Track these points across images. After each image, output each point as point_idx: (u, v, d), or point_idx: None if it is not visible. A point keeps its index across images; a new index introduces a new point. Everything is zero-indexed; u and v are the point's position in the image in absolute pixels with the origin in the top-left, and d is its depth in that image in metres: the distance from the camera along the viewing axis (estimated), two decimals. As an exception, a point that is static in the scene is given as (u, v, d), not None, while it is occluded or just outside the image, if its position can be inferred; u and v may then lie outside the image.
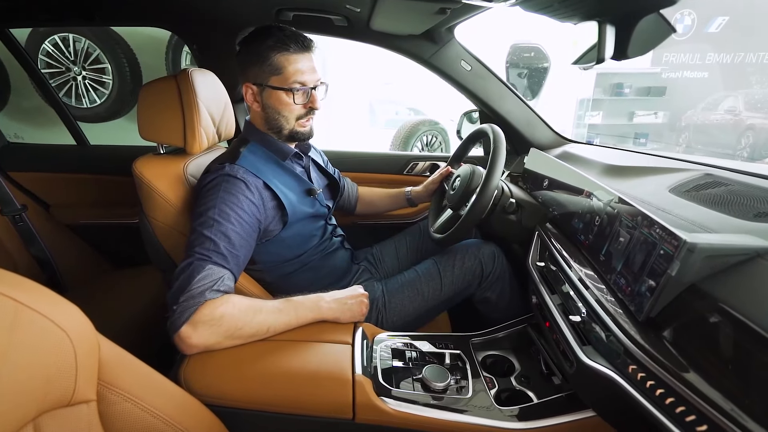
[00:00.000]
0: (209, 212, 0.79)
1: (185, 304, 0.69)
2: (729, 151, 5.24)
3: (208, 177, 0.86)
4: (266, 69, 0.89)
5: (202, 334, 0.69)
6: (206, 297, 0.70)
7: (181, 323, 0.68)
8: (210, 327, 0.69)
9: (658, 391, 0.51)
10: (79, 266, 1.48)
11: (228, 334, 0.71)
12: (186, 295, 0.70)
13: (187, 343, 0.70)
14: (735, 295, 0.51)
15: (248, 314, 0.73)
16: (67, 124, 1.58)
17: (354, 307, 0.84)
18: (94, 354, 0.51)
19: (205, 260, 0.74)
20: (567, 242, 0.88)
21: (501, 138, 1.02)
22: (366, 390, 0.72)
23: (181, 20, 1.37)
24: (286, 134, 0.97)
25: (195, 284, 0.70)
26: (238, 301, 0.74)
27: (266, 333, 0.76)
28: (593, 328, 0.66)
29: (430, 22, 1.07)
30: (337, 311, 0.83)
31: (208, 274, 0.73)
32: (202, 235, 0.77)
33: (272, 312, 0.77)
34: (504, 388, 0.82)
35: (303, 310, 0.80)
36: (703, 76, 5.51)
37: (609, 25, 0.57)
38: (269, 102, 0.93)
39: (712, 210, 0.71)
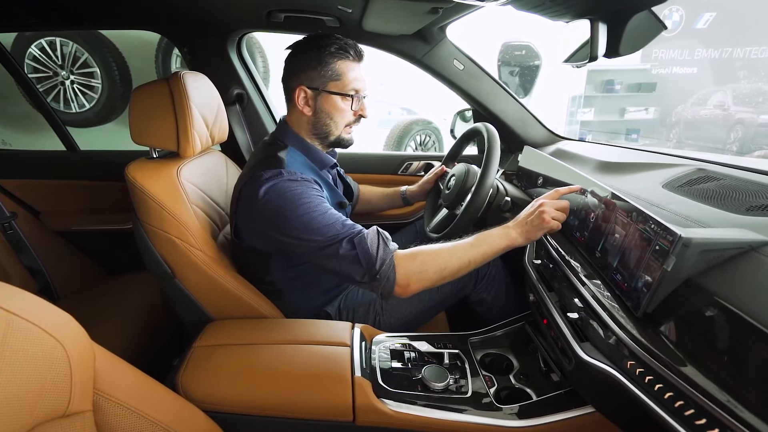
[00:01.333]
0: (308, 210, 0.80)
1: (384, 269, 0.76)
2: (719, 145, 5.31)
3: (265, 185, 0.82)
4: (326, 74, 0.90)
5: (417, 281, 0.78)
6: (390, 250, 0.78)
7: (392, 285, 0.77)
8: (419, 274, 0.78)
9: (657, 386, 0.52)
10: (72, 274, 1.46)
11: (437, 275, 0.79)
12: (378, 263, 0.76)
13: (408, 292, 0.78)
14: (730, 289, 0.51)
15: (443, 256, 0.79)
16: (56, 130, 1.56)
17: (536, 221, 0.82)
18: (90, 363, 0.51)
19: (351, 235, 0.78)
20: (563, 239, 0.88)
21: (495, 136, 1.02)
22: (366, 392, 0.72)
23: (171, 23, 1.36)
24: (332, 140, 0.97)
25: (372, 252, 0.77)
26: (429, 249, 0.81)
27: (468, 266, 0.80)
28: (591, 324, 0.66)
29: (422, 21, 1.07)
30: (524, 233, 0.83)
31: (372, 237, 0.79)
32: (324, 228, 0.79)
33: (466, 248, 0.81)
34: (503, 387, 0.82)
35: (495, 239, 0.82)
36: (692, 71, 5.58)
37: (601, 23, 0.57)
38: (323, 106, 0.92)
39: (705, 205, 0.72)
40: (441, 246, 0.81)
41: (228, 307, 0.93)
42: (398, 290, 0.77)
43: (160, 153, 1.00)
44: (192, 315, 0.93)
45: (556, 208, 0.83)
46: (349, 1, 1.03)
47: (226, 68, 1.42)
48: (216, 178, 1.09)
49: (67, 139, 1.57)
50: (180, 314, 0.96)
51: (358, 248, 0.77)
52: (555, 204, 0.84)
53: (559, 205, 0.84)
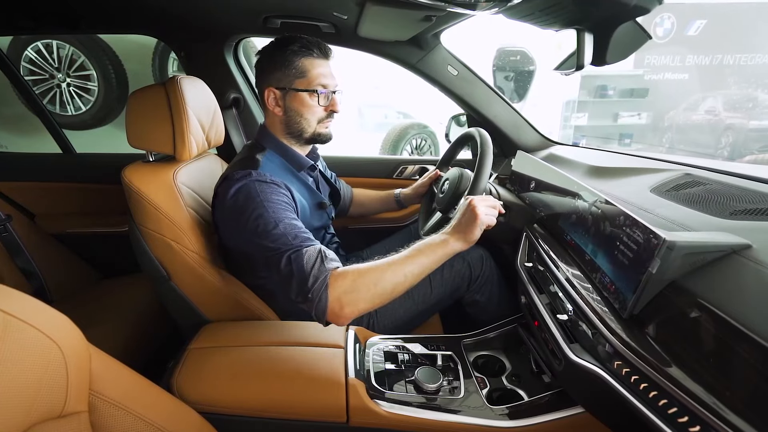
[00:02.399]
0: (264, 215, 0.80)
1: (315, 288, 0.72)
2: (710, 150, 5.38)
3: (235, 185, 0.84)
4: (291, 73, 0.92)
5: (349, 303, 0.72)
6: (326, 270, 0.73)
7: (325, 306, 0.71)
8: (351, 295, 0.72)
9: (642, 385, 0.53)
10: (67, 277, 1.46)
11: (370, 294, 0.73)
12: (310, 281, 0.72)
13: (342, 316, 0.72)
14: (713, 291, 0.53)
15: (375, 272, 0.74)
16: (52, 132, 1.56)
17: (469, 219, 0.81)
18: (85, 364, 0.51)
19: (296, 249, 0.76)
20: (554, 242, 0.90)
21: (488, 141, 1.04)
22: (359, 393, 0.73)
23: (169, 28, 1.37)
24: (307, 137, 0.98)
25: (308, 269, 0.73)
26: (361, 265, 0.76)
27: (405, 280, 0.76)
28: (580, 326, 0.68)
29: (416, 28, 1.09)
30: (462, 235, 0.80)
31: (310, 254, 0.75)
32: (273, 236, 0.78)
33: (400, 262, 0.77)
34: (495, 388, 0.83)
35: (431, 248, 0.79)
36: (684, 77, 5.65)
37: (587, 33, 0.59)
38: (292, 105, 0.94)
39: (691, 209, 0.73)
40: (374, 262, 0.77)
41: (223, 310, 0.94)
42: (331, 316, 0.72)
43: (156, 156, 1.01)
44: (187, 317, 0.94)
45: (486, 205, 0.83)
46: (345, 8, 1.05)
47: (223, 72, 1.43)
48: (212, 182, 1.09)
49: (63, 141, 1.57)
50: (175, 316, 0.97)
51: (294, 264, 0.74)
52: (484, 200, 0.84)
53: (489, 202, 0.84)
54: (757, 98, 5.30)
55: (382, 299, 0.74)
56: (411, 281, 0.77)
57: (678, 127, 5.70)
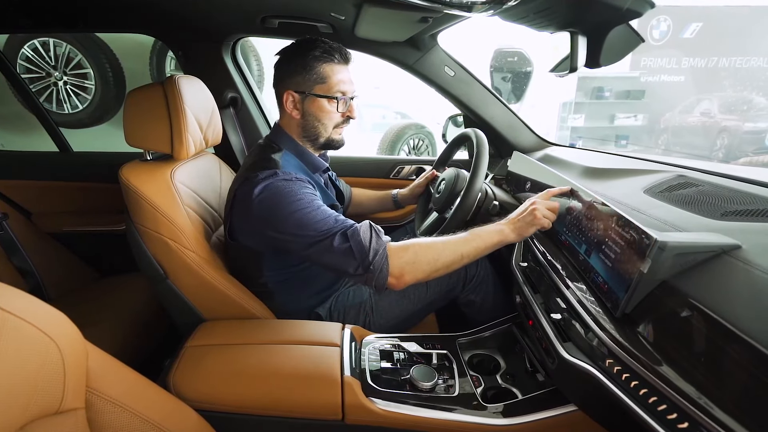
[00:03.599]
0: (301, 207, 0.82)
1: (377, 260, 0.78)
2: (705, 152, 5.41)
3: (259, 185, 0.84)
4: (311, 78, 0.92)
5: (410, 272, 0.79)
6: (383, 242, 0.80)
7: (386, 275, 0.78)
8: (412, 265, 0.80)
9: (633, 383, 0.54)
10: (64, 275, 1.46)
11: (429, 267, 0.80)
12: (371, 254, 0.78)
13: (402, 283, 0.80)
14: (703, 291, 0.53)
15: (435, 249, 0.81)
16: (49, 131, 1.56)
17: (528, 218, 0.85)
18: (82, 361, 0.51)
19: (344, 229, 0.80)
20: (549, 242, 0.91)
21: (484, 142, 1.04)
22: (355, 391, 0.74)
23: (167, 27, 1.37)
24: (322, 142, 0.99)
25: (366, 244, 0.78)
26: (422, 241, 0.83)
27: (461, 259, 0.82)
28: (573, 325, 0.69)
29: (413, 29, 1.10)
30: (517, 230, 0.86)
31: (364, 230, 0.80)
32: (317, 224, 0.80)
33: (459, 242, 0.83)
34: (490, 386, 0.84)
35: (487, 234, 0.85)
36: (680, 79, 5.68)
37: (581, 36, 0.60)
38: (311, 109, 0.94)
39: (683, 210, 0.74)
40: (434, 239, 0.83)
41: (220, 308, 0.94)
42: (392, 281, 0.79)
43: (154, 155, 1.01)
44: (184, 316, 0.94)
45: (547, 208, 0.87)
46: (342, 9, 1.05)
47: (221, 72, 1.43)
48: (209, 181, 1.10)
49: (60, 139, 1.57)
50: (172, 315, 0.97)
51: (351, 240, 0.78)
52: (546, 203, 0.87)
53: (550, 205, 0.87)
54: (752, 101, 5.34)
55: (437, 273, 0.81)
56: (465, 261, 0.83)
57: (674, 129, 5.74)
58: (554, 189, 0.90)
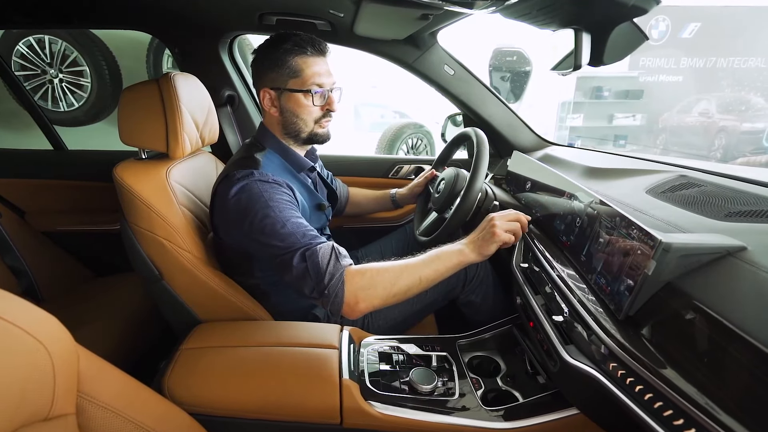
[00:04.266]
0: (271, 214, 0.80)
1: (332, 285, 0.74)
2: (703, 152, 5.43)
3: (236, 185, 0.83)
4: (284, 72, 0.90)
5: (365, 299, 0.75)
6: (342, 266, 0.76)
7: (341, 301, 0.74)
8: (367, 291, 0.75)
9: (637, 387, 0.53)
10: (58, 275, 1.44)
11: (386, 291, 0.76)
12: (327, 278, 0.74)
13: (356, 311, 0.75)
14: (708, 293, 0.52)
15: (393, 272, 0.78)
16: (44, 129, 1.54)
17: (487, 235, 0.83)
18: (73, 365, 0.50)
19: (308, 247, 0.77)
20: (549, 243, 0.90)
21: (484, 141, 1.03)
22: (353, 394, 0.72)
23: (163, 24, 1.35)
24: (305, 137, 0.96)
25: (324, 266, 0.75)
26: (379, 264, 0.79)
27: (420, 283, 0.79)
28: (575, 327, 0.68)
29: (412, 27, 1.09)
30: (477, 248, 0.83)
31: (324, 251, 0.77)
32: (282, 235, 0.78)
33: (417, 264, 0.80)
34: (490, 389, 0.83)
35: (447, 255, 0.82)
36: (678, 80, 5.70)
37: (585, 33, 0.59)
38: (287, 105, 0.92)
39: (686, 210, 0.73)
40: (392, 263, 0.80)
41: (216, 309, 0.92)
42: (346, 309, 0.75)
43: (149, 154, 1.00)
44: (179, 317, 0.93)
45: (507, 220, 0.86)
46: (341, 6, 1.04)
47: (218, 70, 1.42)
48: (206, 180, 1.08)
49: (54, 138, 1.55)
50: (167, 316, 0.95)
51: (309, 261, 0.75)
52: (506, 216, 0.86)
53: (510, 223, 0.86)
54: (749, 101, 5.36)
55: (395, 299, 0.77)
56: (425, 285, 0.79)
57: (672, 129, 5.75)
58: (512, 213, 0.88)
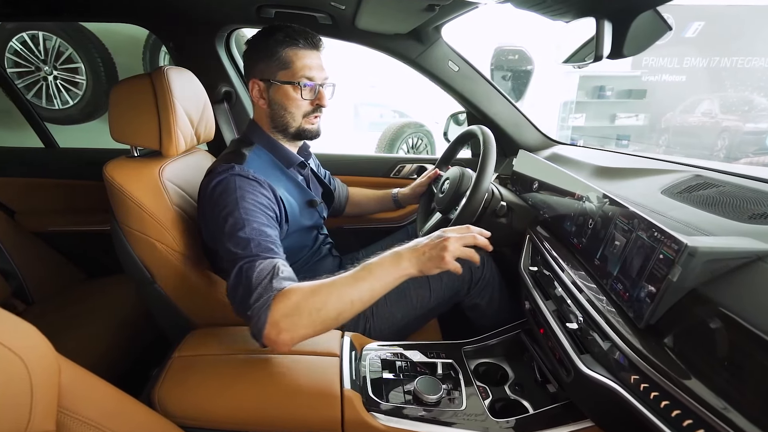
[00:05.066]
0: (234, 214, 0.75)
1: (257, 307, 0.65)
2: (706, 152, 5.40)
3: (215, 178, 0.82)
4: (274, 64, 0.88)
5: (288, 329, 0.64)
6: (273, 289, 0.66)
7: (261, 327, 0.64)
8: (290, 319, 0.64)
9: (663, 402, 0.49)
10: (48, 277, 1.40)
11: (312, 319, 0.65)
12: (253, 298, 0.66)
13: (279, 342, 0.65)
14: (736, 300, 0.49)
15: (322, 294, 0.67)
16: (34, 126, 1.49)
17: (434, 257, 0.70)
18: (53, 379, 0.46)
19: (250, 259, 0.70)
20: (559, 245, 0.86)
21: (491, 140, 1.00)
22: (355, 405, 0.69)
23: (157, 17, 1.31)
24: (293, 132, 0.93)
25: (255, 284, 0.67)
26: (307, 286, 0.68)
27: (352, 307, 0.68)
28: (591, 335, 0.64)
29: (417, 20, 1.05)
30: (419, 264, 0.71)
31: (263, 268, 0.69)
32: (237, 238, 0.73)
33: (348, 284, 0.68)
34: (498, 398, 0.79)
35: (382, 272, 0.70)
36: (681, 79, 5.66)
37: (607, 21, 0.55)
38: (276, 97, 0.90)
39: (706, 212, 0.70)
40: (323, 282, 0.68)
41: (211, 314, 0.89)
42: (266, 340, 0.65)
43: (142, 152, 0.96)
44: (173, 321, 0.89)
45: (464, 243, 0.73)
46: (342, -2, 1.00)
47: (214, 65, 1.37)
48: (201, 179, 1.04)
49: (46, 135, 1.50)
50: (160, 321, 0.91)
51: (244, 275, 0.69)
52: (463, 239, 0.73)
53: (467, 241, 0.73)
54: (753, 101, 5.34)
55: (324, 326, 0.67)
56: (359, 308, 0.68)
57: (675, 129, 5.72)
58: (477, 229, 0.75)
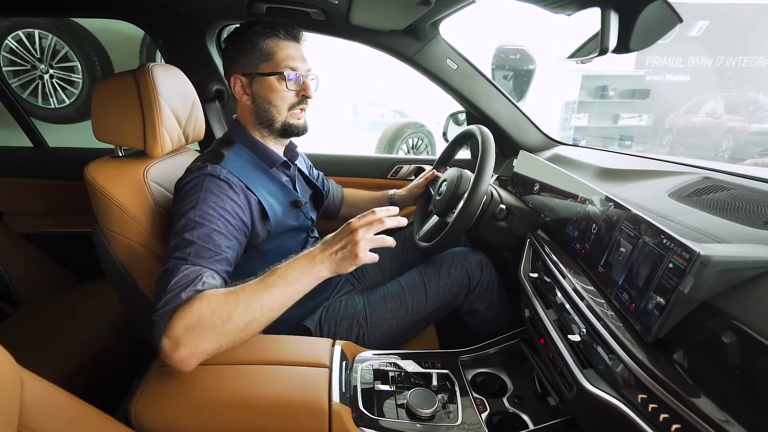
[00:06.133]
0: (189, 214, 0.72)
1: (161, 312, 0.61)
2: (711, 153, 5.35)
3: (187, 177, 0.79)
4: (256, 56, 0.85)
5: (186, 344, 0.59)
6: (181, 299, 0.61)
7: (158, 338, 0.60)
8: (191, 332, 0.59)
9: (674, 426, 0.45)
10: (37, 279, 1.36)
11: (216, 332, 0.60)
12: (162, 301, 0.62)
13: (175, 359, 0.59)
14: (752, 313, 0.46)
15: (228, 304, 0.61)
16: (23, 125, 1.46)
17: (347, 255, 0.67)
18: (14, 396, 0.43)
19: (181, 262, 0.67)
20: (561, 251, 0.82)
21: (490, 140, 0.96)
22: (344, 420, 0.65)
23: (146, 13, 1.27)
24: (279, 127, 0.90)
25: (170, 288, 0.63)
26: (214, 294, 0.62)
27: (262, 316, 0.63)
28: (594, 349, 0.60)
29: (413, 15, 1.01)
30: (334, 265, 0.68)
31: (185, 275, 0.65)
32: (182, 239, 0.70)
33: (256, 291, 0.64)
34: (496, 411, 0.75)
35: (294, 276, 0.66)
36: (685, 79, 5.61)
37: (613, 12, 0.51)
38: (260, 91, 0.87)
39: (717, 217, 0.66)
40: (228, 290, 0.64)
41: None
42: (162, 353, 0.59)
43: (127, 152, 0.92)
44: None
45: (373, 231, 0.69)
46: (335, -9, 0.97)
47: (205, 62, 1.34)
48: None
49: (35, 134, 1.47)
50: (142, 328, 0.88)
51: (164, 276, 0.65)
52: (371, 227, 0.69)
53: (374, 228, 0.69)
54: (758, 101, 5.28)
55: (230, 339, 0.62)
56: (269, 317, 0.65)
57: (678, 130, 5.66)
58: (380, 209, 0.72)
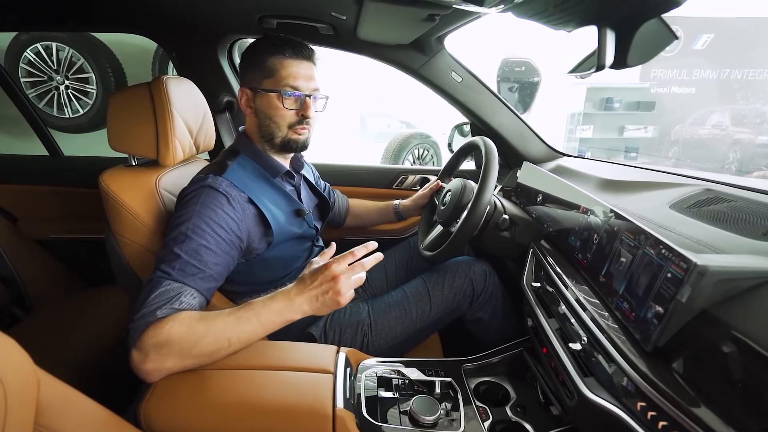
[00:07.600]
0: (182, 227, 0.74)
1: (137, 324, 0.63)
2: (717, 165, 5.32)
3: (189, 188, 0.81)
4: (260, 72, 0.88)
5: (154, 359, 0.62)
6: (156, 316, 0.63)
7: (130, 348, 0.62)
8: (159, 350, 0.62)
9: (667, 428, 0.46)
10: (49, 284, 1.39)
11: (183, 354, 0.63)
12: (139, 313, 0.64)
13: (142, 370, 0.62)
14: (750, 323, 0.46)
15: (199, 330, 0.64)
16: (39, 134, 1.51)
17: (329, 300, 0.69)
18: (31, 395, 0.44)
19: (164, 277, 0.68)
20: (563, 261, 0.83)
21: (493, 151, 0.98)
22: (347, 426, 0.66)
23: (160, 27, 1.32)
24: (279, 143, 0.92)
25: (149, 302, 0.65)
26: (187, 318, 0.65)
27: (229, 347, 0.66)
28: (595, 357, 0.61)
29: (418, 30, 1.04)
30: (315, 310, 0.71)
31: (165, 291, 0.67)
32: (170, 251, 0.72)
33: (229, 322, 0.66)
34: (498, 420, 0.76)
35: (268, 317, 0.69)
36: (691, 91, 5.61)
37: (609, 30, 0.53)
38: (261, 107, 0.90)
39: (717, 228, 0.67)
40: (203, 314, 0.66)
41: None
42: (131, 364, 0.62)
43: (140, 161, 0.95)
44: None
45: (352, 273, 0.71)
46: (343, 8, 1.00)
47: (216, 74, 1.38)
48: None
49: (50, 143, 1.51)
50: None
51: (145, 288, 0.66)
52: (350, 270, 0.71)
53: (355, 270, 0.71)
54: (765, 113, 5.27)
55: (195, 362, 0.65)
56: (236, 348, 0.67)
57: (685, 142, 5.65)
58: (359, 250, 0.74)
